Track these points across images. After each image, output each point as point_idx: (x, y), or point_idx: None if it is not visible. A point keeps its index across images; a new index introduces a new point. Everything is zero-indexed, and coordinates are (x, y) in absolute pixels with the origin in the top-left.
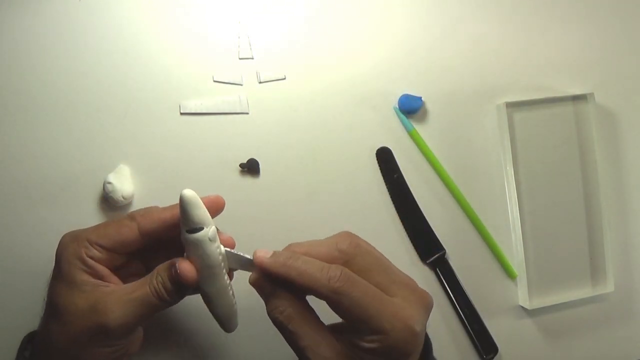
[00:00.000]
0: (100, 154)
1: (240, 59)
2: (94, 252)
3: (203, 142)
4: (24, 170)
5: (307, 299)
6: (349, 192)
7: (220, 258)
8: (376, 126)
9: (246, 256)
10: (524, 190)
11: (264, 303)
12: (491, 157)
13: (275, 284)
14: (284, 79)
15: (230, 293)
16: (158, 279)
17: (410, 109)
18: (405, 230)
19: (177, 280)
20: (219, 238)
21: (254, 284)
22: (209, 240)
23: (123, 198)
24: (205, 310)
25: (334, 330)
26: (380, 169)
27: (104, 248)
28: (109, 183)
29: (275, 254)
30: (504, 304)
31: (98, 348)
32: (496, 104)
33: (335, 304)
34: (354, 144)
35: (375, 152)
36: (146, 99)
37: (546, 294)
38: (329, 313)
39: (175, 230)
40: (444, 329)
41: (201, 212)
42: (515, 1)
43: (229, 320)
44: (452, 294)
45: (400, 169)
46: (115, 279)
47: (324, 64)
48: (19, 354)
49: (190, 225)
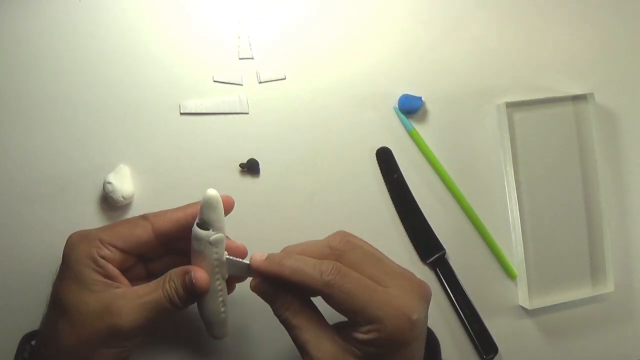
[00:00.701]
0: (100, 154)
1: (240, 59)
2: (106, 252)
3: (203, 142)
4: (24, 170)
5: (314, 301)
6: (349, 192)
7: (215, 263)
8: (376, 126)
9: (245, 262)
10: (524, 190)
11: (270, 306)
12: (491, 157)
13: (275, 285)
14: (284, 79)
15: (220, 300)
16: (171, 285)
17: (410, 109)
18: (405, 230)
19: (191, 288)
20: (224, 245)
21: (254, 289)
22: (209, 243)
23: (123, 198)
24: None
25: (337, 327)
26: (380, 169)
27: (116, 248)
28: (109, 183)
29: (270, 255)
30: (504, 304)
31: (108, 349)
32: (496, 104)
33: (328, 296)
34: (354, 144)
35: (375, 152)
36: (146, 99)
37: (546, 294)
38: (335, 314)
39: (188, 232)
40: (444, 329)
41: (214, 216)
42: (515, 1)
43: (212, 326)
44: (452, 294)
45: (400, 169)
46: (125, 280)
47: (324, 64)
48: (17, 355)
49: (201, 222)
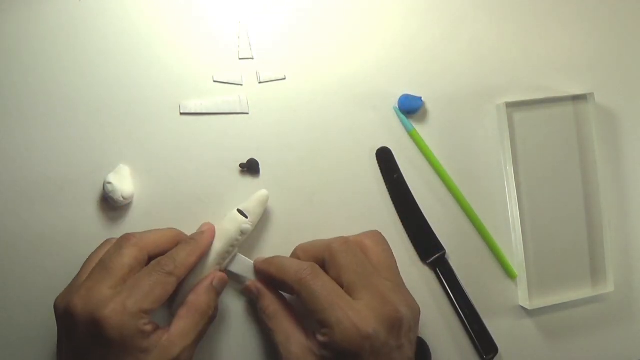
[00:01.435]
0: (100, 154)
1: (240, 59)
2: (148, 317)
3: (203, 142)
4: (24, 170)
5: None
6: (349, 192)
7: (229, 249)
8: (376, 126)
9: (251, 261)
10: (524, 190)
11: (258, 305)
12: (491, 157)
13: (263, 285)
14: (284, 79)
15: (201, 275)
16: (206, 306)
17: (410, 109)
18: (405, 230)
19: (221, 290)
20: (243, 240)
21: (243, 291)
22: (240, 228)
23: (123, 198)
24: None
25: (308, 330)
26: (380, 169)
27: (152, 309)
28: (109, 183)
29: (268, 257)
30: (504, 304)
31: None
32: (496, 104)
33: (298, 293)
34: (354, 144)
35: (375, 152)
36: (146, 99)
37: (546, 294)
38: None
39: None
40: (444, 329)
41: (258, 210)
42: (515, 1)
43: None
44: (452, 294)
45: (400, 169)
46: (155, 323)
47: (324, 64)
48: None
49: (242, 210)
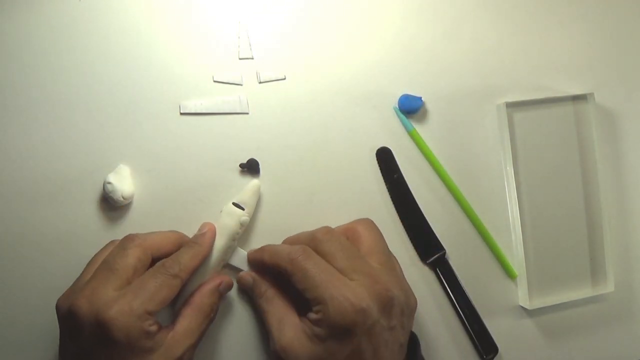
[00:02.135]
0: (100, 154)
1: (240, 59)
2: (154, 318)
3: (203, 142)
4: (24, 170)
5: None
6: (349, 192)
7: (231, 243)
8: (376, 126)
9: (244, 252)
10: (524, 190)
11: (250, 293)
12: (491, 157)
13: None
14: (284, 79)
15: (205, 272)
16: (209, 308)
17: (410, 109)
18: (405, 230)
19: (225, 293)
20: (242, 231)
21: (238, 281)
22: (239, 221)
23: (123, 198)
24: None
25: (298, 311)
26: (380, 169)
27: (157, 310)
28: (109, 183)
29: (261, 247)
30: (504, 304)
31: None
32: (496, 104)
33: (291, 274)
34: (354, 144)
35: (375, 152)
36: (146, 99)
37: (546, 294)
38: None
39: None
40: (444, 329)
41: (253, 201)
42: (515, 1)
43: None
44: (452, 294)
45: (400, 169)
46: (159, 324)
47: (324, 64)
48: None
49: (237, 202)
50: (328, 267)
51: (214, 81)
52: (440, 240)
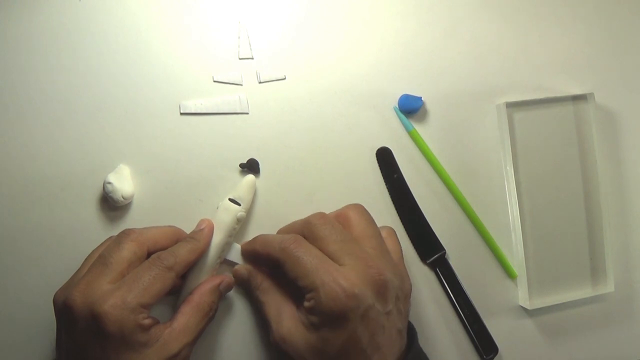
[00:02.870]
0: (100, 154)
1: (240, 59)
2: (147, 312)
3: (203, 142)
4: (24, 170)
5: None
6: (349, 192)
7: (229, 240)
8: (376, 126)
9: (238, 245)
10: (524, 190)
11: (246, 287)
12: (491, 157)
13: (251, 263)
14: (284, 79)
15: (203, 269)
16: (208, 307)
17: (410, 109)
18: (405, 230)
19: (226, 292)
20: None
21: (234, 273)
22: (237, 218)
23: (123, 198)
24: None
25: (295, 301)
26: (380, 169)
27: (151, 304)
28: (109, 183)
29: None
30: (504, 304)
31: None
32: (496, 104)
33: (282, 263)
34: (354, 144)
35: (375, 152)
36: (146, 99)
37: (546, 294)
38: None
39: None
40: (444, 329)
41: (249, 196)
42: (515, 1)
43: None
44: (452, 294)
45: (400, 169)
46: (155, 319)
47: (324, 64)
48: None
49: (233, 198)
50: (319, 254)
51: (214, 81)
52: (440, 240)
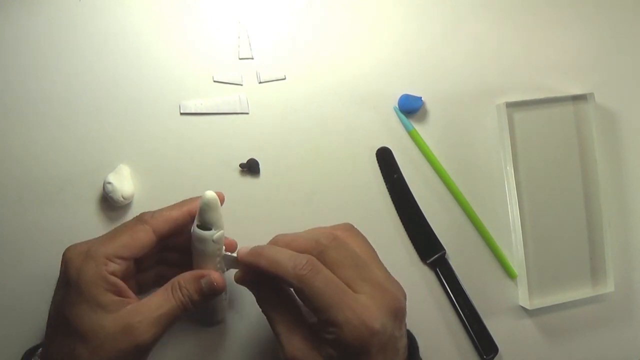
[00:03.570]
0: (100, 154)
1: (240, 59)
2: (115, 267)
3: (203, 142)
4: (24, 170)
5: None
6: (349, 192)
7: (217, 260)
8: (376, 126)
9: (234, 255)
10: (524, 190)
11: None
12: (491, 157)
13: (257, 277)
14: (284, 79)
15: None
16: (184, 292)
17: (410, 109)
18: (405, 230)
19: (208, 292)
20: (224, 240)
21: (237, 280)
22: (212, 241)
23: (123, 198)
24: None
25: (313, 325)
26: (380, 169)
27: (123, 259)
28: (109, 183)
29: (253, 248)
30: (504, 304)
31: None
32: (496, 104)
33: (298, 291)
34: (354, 144)
35: (375, 152)
36: (146, 99)
37: (546, 294)
38: None
39: (185, 228)
40: (444, 329)
41: (215, 215)
42: (515, 1)
43: (214, 313)
44: (452, 294)
45: (400, 169)
46: (131, 293)
47: (324, 64)
48: None
49: (202, 223)
50: (338, 284)
51: (214, 81)
52: (440, 240)
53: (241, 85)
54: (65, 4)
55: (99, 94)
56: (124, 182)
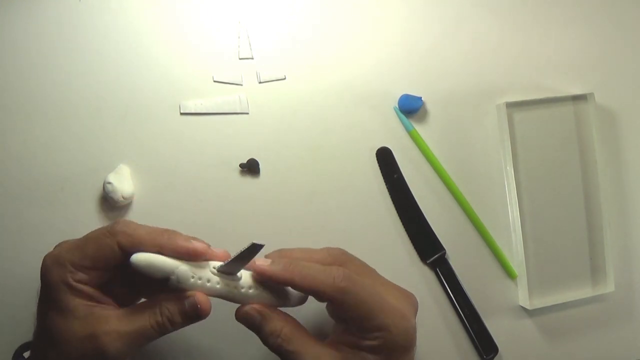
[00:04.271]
0: (100, 154)
1: (240, 59)
2: (80, 275)
3: (203, 142)
4: (24, 170)
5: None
6: (349, 192)
7: (207, 286)
8: (376, 126)
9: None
10: (524, 190)
11: (257, 333)
12: (491, 157)
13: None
14: (284, 79)
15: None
16: (164, 312)
17: (410, 109)
18: (405, 230)
19: (191, 315)
20: (189, 272)
21: (242, 317)
22: (178, 283)
23: (123, 198)
24: None
25: (333, 341)
26: (380, 169)
27: (87, 268)
28: (109, 183)
29: (275, 261)
30: (504, 304)
31: None
32: (496, 104)
33: (340, 303)
34: (354, 144)
35: (375, 152)
36: (146, 99)
37: (546, 294)
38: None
39: (155, 249)
40: (444, 329)
41: (159, 267)
42: (515, 1)
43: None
44: (452, 294)
45: (400, 169)
46: (106, 299)
47: (324, 64)
48: None
49: (163, 281)
50: (375, 290)
51: (214, 81)
52: (440, 240)
53: (241, 85)
54: (65, 4)
55: (99, 94)
56: (124, 182)
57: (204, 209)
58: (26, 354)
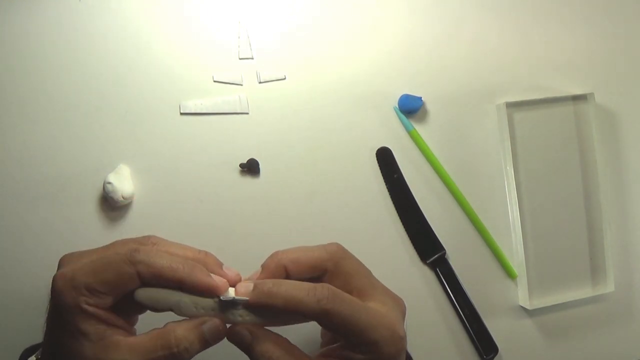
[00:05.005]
0: (100, 154)
1: (240, 59)
2: (94, 300)
3: (203, 142)
4: (24, 170)
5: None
6: (349, 192)
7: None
8: (376, 126)
9: (229, 297)
10: (524, 190)
11: (248, 354)
12: (491, 157)
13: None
14: (284, 79)
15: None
16: (181, 343)
17: (410, 109)
18: (405, 230)
19: (211, 339)
20: (187, 303)
21: (232, 336)
22: (180, 313)
23: (123, 198)
24: None
25: (323, 355)
26: (380, 169)
27: (102, 293)
28: (109, 183)
29: (257, 285)
30: (504, 304)
31: None
32: (496, 104)
33: (326, 323)
34: (354, 144)
35: (375, 152)
36: (146, 99)
37: (546, 294)
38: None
39: (175, 284)
40: (444, 329)
41: (162, 301)
42: (515, 1)
43: None
44: (452, 294)
45: (400, 169)
46: (117, 319)
47: (324, 64)
48: None
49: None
50: (360, 305)
51: (214, 81)
52: (440, 240)
53: (241, 85)
54: (65, 4)
55: (99, 93)
56: (124, 182)
57: (204, 209)
58: (31, 359)
